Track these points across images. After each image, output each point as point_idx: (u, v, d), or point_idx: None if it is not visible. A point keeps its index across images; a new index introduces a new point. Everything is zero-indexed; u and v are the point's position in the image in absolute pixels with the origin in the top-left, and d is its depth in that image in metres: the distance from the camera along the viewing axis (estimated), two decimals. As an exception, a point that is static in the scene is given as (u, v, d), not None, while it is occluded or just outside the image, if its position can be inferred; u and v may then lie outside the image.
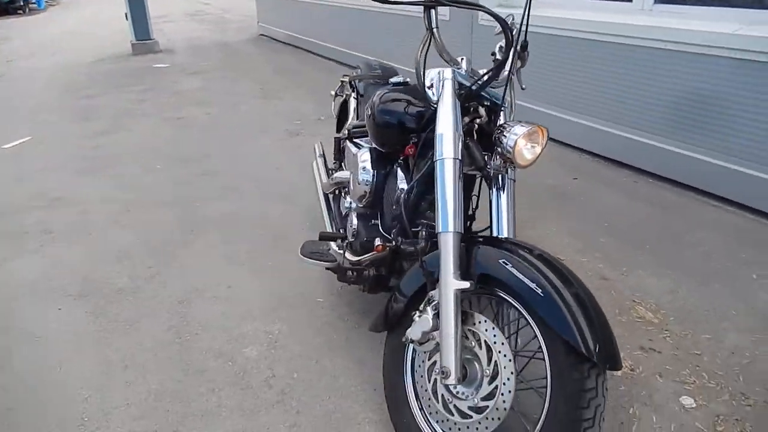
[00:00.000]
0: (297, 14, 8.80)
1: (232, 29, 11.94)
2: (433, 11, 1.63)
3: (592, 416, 1.29)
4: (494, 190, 1.69)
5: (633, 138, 3.52)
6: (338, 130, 3.18)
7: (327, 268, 2.15)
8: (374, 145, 2.09)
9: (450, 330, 1.44)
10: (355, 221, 2.15)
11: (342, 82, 2.97)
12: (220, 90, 6.50)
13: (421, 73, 1.65)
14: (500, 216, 1.67)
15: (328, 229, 2.44)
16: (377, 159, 2.04)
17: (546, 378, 1.36)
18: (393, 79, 1.93)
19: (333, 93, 3.15)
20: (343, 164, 2.70)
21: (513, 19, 1.79)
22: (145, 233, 3.14)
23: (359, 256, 2.04)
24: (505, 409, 1.39)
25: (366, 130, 2.34)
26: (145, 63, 8.49)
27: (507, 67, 1.72)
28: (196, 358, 2.15)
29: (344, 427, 1.80)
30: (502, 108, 1.70)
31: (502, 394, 1.40)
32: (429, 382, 1.57)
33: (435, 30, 1.64)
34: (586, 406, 1.28)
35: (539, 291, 1.35)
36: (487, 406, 1.42)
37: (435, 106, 1.67)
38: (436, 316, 1.50)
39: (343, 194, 2.49)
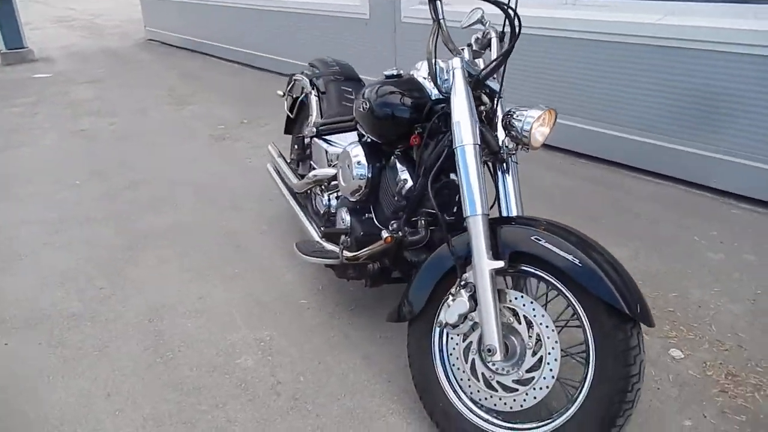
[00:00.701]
0: (192, 17, 8.42)
1: (110, 35, 11.15)
2: (438, 2, 1.66)
3: (638, 371, 1.38)
4: (500, 173, 1.75)
5: (563, 123, 3.77)
6: (288, 130, 3.11)
7: (327, 266, 2.09)
8: (366, 139, 2.07)
9: (490, 309, 1.48)
10: (347, 217, 2.12)
11: (295, 80, 2.91)
12: (121, 98, 6.06)
13: (433, 63, 1.67)
14: (508, 197, 1.73)
15: (309, 230, 2.37)
16: (371, 153, 2.02)
17: (587, 343, 1.43)
18: (387, 72, 1.93)
19: (281, 93, 3.07)
20: (311, 163, 2.65)
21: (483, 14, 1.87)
22: (83, 253, 2.87)
23: (357, 250, 2.01)
24: (553, 377, 1.45)
25: (339, 126, 2.32)
26: (22, 73, 7.70)
27: (493, 54, 1.79)
28: (187, 375, 2.01)
29: (370, 422, 1.77)
30: (500, 96, 1.77)
31: (548, 363, 1.45)
32: (467, 362, 1.59)
33: (441, 21, 1.67)
34: (633, 363, 1.37)
35: (577, 261, 1.42)
36: (533, 377, 1.47)
37: (446, 95, 1.69)
38: (471, 297, 1.53)
39: (320, 192, 2.44)
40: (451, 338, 1.64)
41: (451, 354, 1.64)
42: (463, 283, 1.56)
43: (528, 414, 1.51)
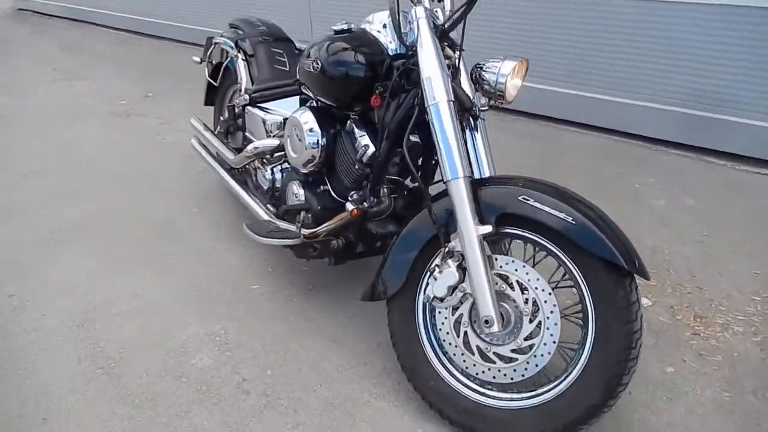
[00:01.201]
0: (69, -19, 7.55)
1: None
2: None
3: (640, 326, 1.34)
4: (468, 131, 1.63)
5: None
6: (210, 100, 2.84)
7: (286, 246, 1.90)
8: (313, 103, 1.88)
9: (482, 278, 1.38)
10: (299, 191, 1.93)
11: (215, 44, 2.63)
12: (-4, 76, 5.34)
13: (397, 12, 1.51)
14: (479, 157, 1.62)
15: (255, 209, 2.16)
16: (323, 118, 1.84)
17: (583, 303, 1.38)
18: (336, 27, 1.73)
19: (198, 59, 2.78)
20: (245, 134, 2.41)
21: None
22: (-18, 256, 2.48)
23: (316, 227, 1.84)
24: (554, 342, 1.39)
25: (276, 92, 2.12)
26: None
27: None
28: (137, 384, 1.77)
29: (354, 410, 1.64)
30: (462, 48, 1.64)
31: (548, 329, 1.39)
32: (458, 336, 1.50)
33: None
34: (635, 318, 1.33)
35: (570, 219, 1.35)
36: (533, 344, 1.40)
37: (410, 49, 1.55)
38: (460, 267, 1.43)
39: (261, 166, 2.22)
40: (439, 312, 1.53)
41: (440, 329, 1.53)
42: (448, 252, 1.45)
43: (526, 382, 1.45)
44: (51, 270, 2.36)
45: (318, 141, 1.83)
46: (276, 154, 2.14)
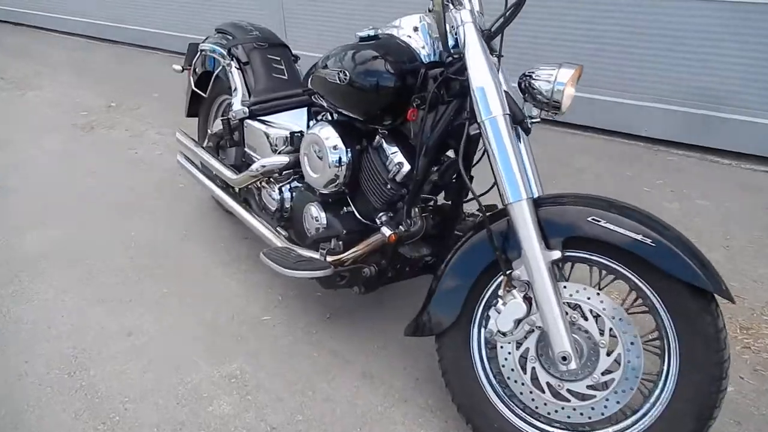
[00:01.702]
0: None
1: None
2: None
3: (729, 354, 1.24)
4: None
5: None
6: (194, 111, 2.62)
7: (313, 278, 1.71)
8: (332, 117, 1.72)
9: (555, 310, 1.25)
10: (320, 213, 1.76)
11: (201, 51, 2.41)
12: (-63, 87, 4.90)
13: (442, 16, 1.36)
14: (527, 173, 1.49)
15: (266, 234, 1.96)
16: (346, 134, 1.67)
17: (662, 330, 1.26)
18: (361, 33, 1.57)
19: (179, 68, 2.55)
20: (245, 150, 2.20)
21: None
22: (-55, 295, 2.19)
23: (342, 253, 1.67)
24: (636, 376, 1.26)
25: (280, 104, 1.94)
26: None
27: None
28: (149, 440, 1.56)
29: (405, 457, 1.49)
30: (501, 55, 1.51)
31: (629, 361, 1.26)
32: (525, 373, 1.36)
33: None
34: (724, 346, 1.22)
35: (648, 241, 1.22)
36: (613, 379, 1.28)
37: (455, 56, 1.40)
38: (526, 298, 1.29)
39: (267, 185, 2.03)
40: (501, 347, 1.39)
41: (503, 365, 1.39)
42: (513, 281, 1.31)
43: (601, 420, 1.33)
44: (26, 309, 2.10)
45: (342, 159, 1.66)
46: (285, 172, 1.96)
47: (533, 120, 1.44)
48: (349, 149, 1.66)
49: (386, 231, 1.57)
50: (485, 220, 1.33)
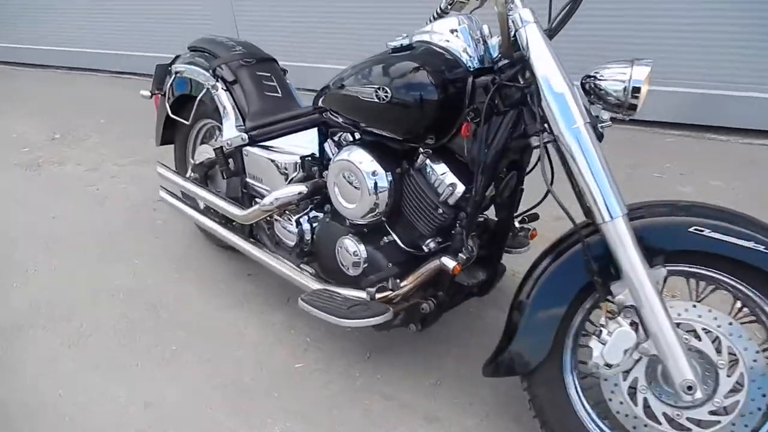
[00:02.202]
0: None
1: None
2: None
3: None
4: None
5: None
6: (168, 138, 2.37)
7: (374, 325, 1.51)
8: (357, 137, 1.55)
9: (669, 335, 1.13)
10: (357, 247, 1.57)
11: (176, 73, 2.16)
12: None
13: (506, 19, 1.20)
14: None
15: (292, 275, 1.75)
16: (382, 157, 1.49)
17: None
18: (393, 43, 1.39)
19: (147, 93, 2.29)
20: (246, 180, 1.97)
21: None
22: None
23: (392, 290, 1.49)
24: (764, 395, 1.16)
25: (287, 126, 1.74)
26: None
27: None
28: None
29: None
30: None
31: (754, 381, 1.16)
32: (637, 405, 1.23)
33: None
34: None
35: (762, 248, 1.12)
36: (737, 401, 1.17)
37: (508, 60, 1.25)
38: (632, 324, 1.16)
39: (281, 216, 1.81)
40: (604, 380, 1.25)
41: (609, 399, 1.25)
42: (617, 307, 1.18)
43: (720, 443, 1.22)
44: (9, 391, 1.80)
45: (382, 185, 1.48)
46: (301, 202, 1.75)
47: (604, 124, 1.31)
48: (388, 173, 1.48)
49: (449, 262, 1.40)
50: (582, 243, 1.19)
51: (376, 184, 1.48)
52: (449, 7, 1.47)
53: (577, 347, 1.30)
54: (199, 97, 2.05)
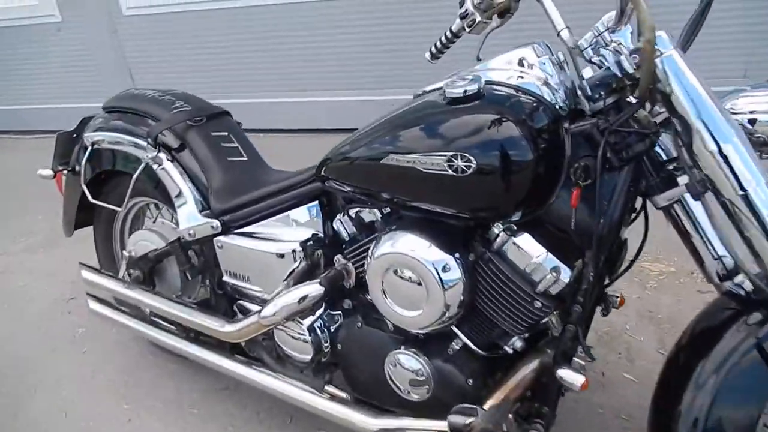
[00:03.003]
0: None
1: None
2: None
3: None
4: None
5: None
6: (82, 222, 1.82)
7: None
8: (394, 214, 1.16)
9: None
10: (419, 361, 1.16)
11: (92, 144, 1.64)
12: None
13: (653, 48, 0.86)
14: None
15: (326, 408, 1.30)
16: (447, 242, 1.09)
17: None
18: (454, 90, 0.99)
19: (49, 173, 1.75)
20: (224, 279, 1.48)
21: None
22: None
23: (479, 417, 1.10)
24: None
25: (269, 209, 1.33)
26: None
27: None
28: None
29: None
30: None
31: None
32: None
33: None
34: None
35: None
36: None
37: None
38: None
39: (290, 326, 1.35)
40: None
41: None
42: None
43: None
44: None
45: (452, 278, 1.08)
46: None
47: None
48: (461, 262, 1.09)
49: (573, 377, 1.03)
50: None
51: (447, 277, 1.08)
52: (465, 30, 1.12)
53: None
54: (135, 176, 1.52)
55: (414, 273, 1.09)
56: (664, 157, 1.03)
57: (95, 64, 3.51)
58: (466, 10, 1.09)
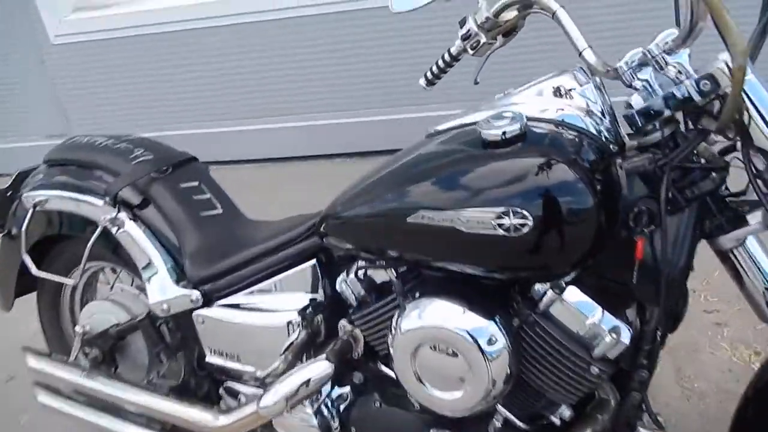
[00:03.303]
0: None
1: None
2: None
3: None
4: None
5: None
6: (21, 291, 1.57)
7: None
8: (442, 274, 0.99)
9: None
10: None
11: (35, 205, 1.39)
12: None
13: (743, 80, 0.73)
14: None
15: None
16: (484, 303, 0.93)
17: None
18: (489, 132, 0.83)
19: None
20: (210, 361, 1.26)
21: None
22: None
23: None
24: None
25: (259, 273, 1.15)
26: None
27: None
28: None
29: None
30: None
31: None
32: None
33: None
34: None
35: None
36: None
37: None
38: None
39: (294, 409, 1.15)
40: None
41: None
42: None
43: None
44: None
45: (501, 348, 0.92)
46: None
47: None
48: (502, 328, 0.92)
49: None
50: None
51: (489, 350, 0.91)
52: (468, 52, 0.98)
53: None
54: (91, 242, 1.27)
55: (451, 347, 0.92)
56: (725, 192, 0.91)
57: (22, 99, 3.19)
58: (469, 30, 0.95)
